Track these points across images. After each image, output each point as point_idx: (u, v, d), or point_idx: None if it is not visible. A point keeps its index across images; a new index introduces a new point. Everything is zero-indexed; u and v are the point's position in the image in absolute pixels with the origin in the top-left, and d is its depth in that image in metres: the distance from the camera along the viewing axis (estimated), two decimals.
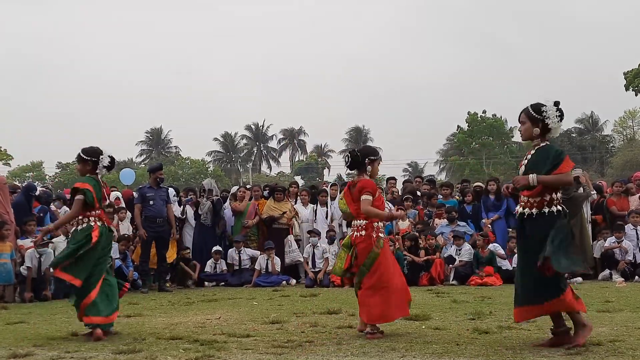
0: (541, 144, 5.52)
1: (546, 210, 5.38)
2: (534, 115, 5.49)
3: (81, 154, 6.76)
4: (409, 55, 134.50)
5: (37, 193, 13.41)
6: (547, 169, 5.36)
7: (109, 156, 6.80)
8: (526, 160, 5.56)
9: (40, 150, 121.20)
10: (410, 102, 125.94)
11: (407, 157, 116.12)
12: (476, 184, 15.67)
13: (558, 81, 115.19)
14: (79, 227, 6.57)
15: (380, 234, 6.24)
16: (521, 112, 5.59)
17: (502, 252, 12.78)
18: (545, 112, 5.46)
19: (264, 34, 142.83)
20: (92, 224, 6.56)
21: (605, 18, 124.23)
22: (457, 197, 14.95)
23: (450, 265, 12.80)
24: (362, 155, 6.41)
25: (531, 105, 5.54)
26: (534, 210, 5.40)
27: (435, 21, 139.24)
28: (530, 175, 5.36)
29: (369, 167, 6.35)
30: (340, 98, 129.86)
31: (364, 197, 6.17)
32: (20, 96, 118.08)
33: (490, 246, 12.71)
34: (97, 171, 6.77)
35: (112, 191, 15.83)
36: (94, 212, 6.62)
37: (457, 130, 69.19)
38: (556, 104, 5.50)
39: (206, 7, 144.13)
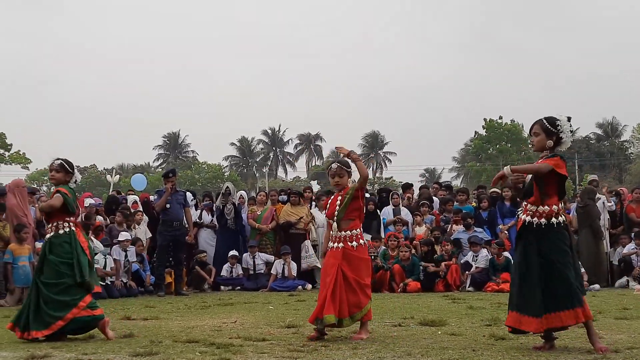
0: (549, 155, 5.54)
1: (554, 221, 5.43)
2: (549, 128, 5.52)
3: (67, 165, 6.89)
4: (425, 61, 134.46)
5: None
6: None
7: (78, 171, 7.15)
8: None
9: (58, 154, 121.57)
10: (427, 108, 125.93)
11: (423, 163, 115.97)
12: (492, 189, 15.63)
13: (577, 85, 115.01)
14: (61, 232, 6.63)
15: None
16: (535, 124, 5.63)
17: None
18: (560, 125, 5.51)
19: (279, 39, 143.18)
20: (73, 229, 6.70)
21: (627, 22, 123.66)
22: (474, 204, 14.92)
23: (467, 272, 12.76)
24: None
25: (546, 118, 5.59)
26: (543, 221, 5.43)
27: (451, 26, 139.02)
28: (505, 167, 5.46)
29: None
30: (357, 103, 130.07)
31: None
32: (37, 101, 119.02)
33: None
34: (69, 184, 6.91)
35: (128, 195, 15.97)
36: (72, 218, 6.76)
37: (474, 136, 68.98)
38: (569, 119, 5.56)
39: (222, 12, 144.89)
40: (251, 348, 5.63)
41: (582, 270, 12.45)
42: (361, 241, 6.40)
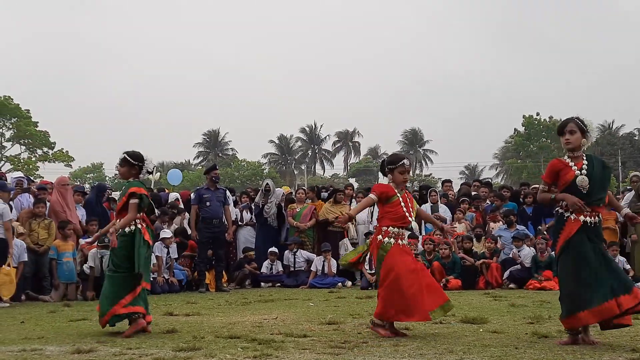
0: (585, 154, 5.81)
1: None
2: (584, 127, 5.77)
3: (129, 158, 6.90)
4: (464, 56, 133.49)
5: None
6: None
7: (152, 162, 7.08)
8: (584, 171, 5.70)
9: (100, 151, 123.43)
10: (466, 104, 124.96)
11: (463, 160, 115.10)
12: (533, 186, 15.46)
13: (616, 82, 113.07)
14: (127, 230, 6.72)
15: (388, 238, 6.38)
16: (569, 122, 5.81)
17: None
18: (587, 125, 5.80)
19: (318, 37, 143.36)
20: (140, 226, 6.76)
21: None
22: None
23: (511, 269, 12.58)
24: (385, 164, 6.71)
25: (577, 118, 5.83)
26: (597, 219, 5.75)
27: (487, 23, 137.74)
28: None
29: (390, 175, 6.60)
30: (395, 100, 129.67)
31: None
32: (80, 99, 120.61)
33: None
34: (140, 175, 6.96)
35: (170, 192, 16.13)
36: (139, 215, 6.81)
37: (514, 132, 68.30)
38: None
39: (258, 9, 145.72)
40: (292, 344, 5.66)
41: (628, 266, 12.34)
42: None
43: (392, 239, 6.35)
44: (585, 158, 5.75)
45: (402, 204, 6.44)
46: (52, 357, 5.23)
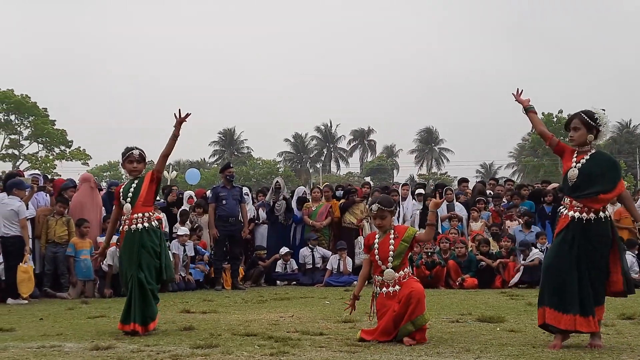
0: (592, 150, 5.58)
1: (602, 215, 5.50)
2: (589, 122, 5.54)
3: (145, 155, 7.08)
4: (479, 54, 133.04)
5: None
6: (616, 182, 5.47)
7: None
8: (580, 165, 5.51)
9: (101, 151, 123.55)
10: (481, 102, 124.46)
11: (479, 158, 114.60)
12: (552, 185, 15.41)
13: (616, 82, 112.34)
14: (154, 224, 6.71)
15: (376, 287, 6.20)
16: (573, 118, 5.65)
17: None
18: (599, 119, 5.53)
19: (318, 37, 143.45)
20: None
21: None
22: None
23: (522, 263, 12.52)
24: None
25: (584, 112, 5.61)
26: (592, 216, 5.45)
27: (504, 21, 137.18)
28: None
29: None
30: (409, 98, 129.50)
31: None
32: (97, 96, 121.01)
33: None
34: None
35: (185, 191, 16.19)
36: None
37: (531, 130, 67.92)
38: (603, 111, 5.60)
39: (259, 9, 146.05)
40: (309, 342, 5.67)
41: None
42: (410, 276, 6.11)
43: (377, 288, 6.10)
44: (589, 154, 5.53)
45: (377, 250, 6.05)
46: (71, 354, 5.27)
